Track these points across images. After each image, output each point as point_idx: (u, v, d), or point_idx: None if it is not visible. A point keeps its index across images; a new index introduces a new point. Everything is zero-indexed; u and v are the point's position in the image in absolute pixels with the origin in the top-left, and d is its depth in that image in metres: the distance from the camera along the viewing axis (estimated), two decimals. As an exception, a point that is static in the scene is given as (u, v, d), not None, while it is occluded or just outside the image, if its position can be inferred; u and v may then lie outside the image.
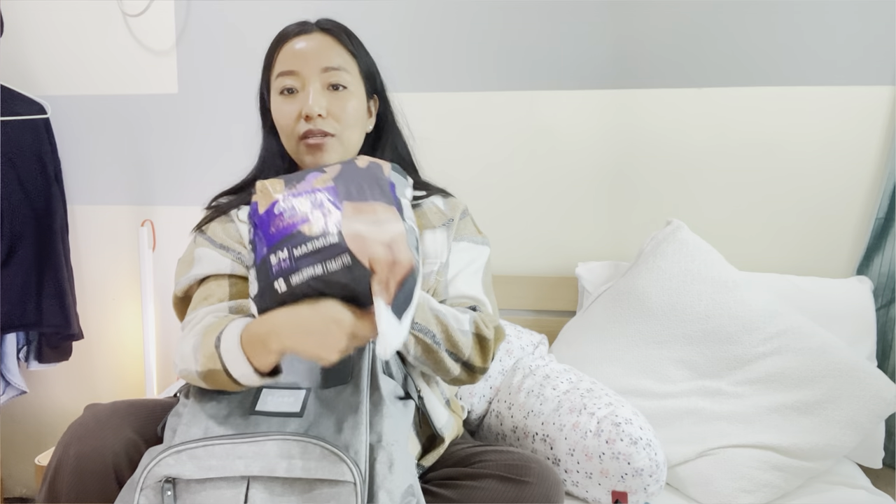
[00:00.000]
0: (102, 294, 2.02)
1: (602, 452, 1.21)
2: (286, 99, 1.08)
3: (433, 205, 1.16)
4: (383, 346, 0.79)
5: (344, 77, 1.08)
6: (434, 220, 1.14)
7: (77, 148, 1.97)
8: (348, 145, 1.10)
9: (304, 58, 1.07)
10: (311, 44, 1.09)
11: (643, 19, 1.68)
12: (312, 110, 1.05)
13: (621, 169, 1.75)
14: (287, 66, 1.08)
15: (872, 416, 1.30)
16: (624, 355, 1.47)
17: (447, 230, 1.14)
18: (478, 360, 1.04)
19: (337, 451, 0.84)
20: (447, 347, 1.01)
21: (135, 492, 0.84)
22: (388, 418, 0.93)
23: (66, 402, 2.07)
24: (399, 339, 0.81)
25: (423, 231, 1.12)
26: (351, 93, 1.09)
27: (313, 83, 1.07)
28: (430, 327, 0.99)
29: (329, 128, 1.07)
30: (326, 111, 1.06)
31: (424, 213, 1.14)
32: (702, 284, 1.45)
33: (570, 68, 1.73)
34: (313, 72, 1.07)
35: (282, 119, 1.09)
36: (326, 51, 1.08)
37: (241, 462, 0.84)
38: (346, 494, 0.82)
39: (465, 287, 1.12)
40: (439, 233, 1.13)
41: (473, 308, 1.10)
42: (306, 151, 1.08)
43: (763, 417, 1.34)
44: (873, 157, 1.64)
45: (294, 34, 1.10)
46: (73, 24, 1.92)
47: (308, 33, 1.10)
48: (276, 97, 1.09)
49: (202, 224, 1.13)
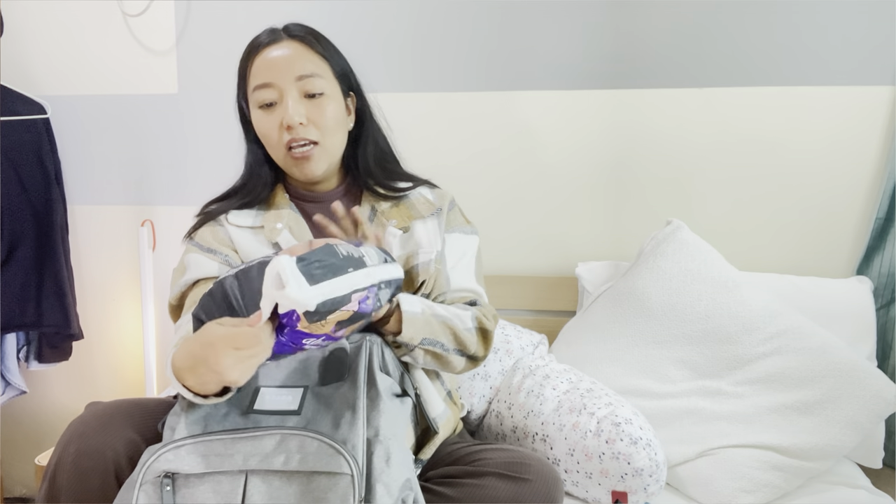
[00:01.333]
0: (102, 294, 2.02)
1: (602, 452, 1.21)
2: (266, 112, 1.10)
3: (421, 195, 1.21)
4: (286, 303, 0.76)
5: (318, 84, 1.10)
6: (423, 210, 1.18)
7: (77, 148, 1.97)
8: (332, 150, 1.13)
9: (277, 68, 1.09)
10: (282, 53, 1.10)
11: (644, 19, 1.68)
12: (293, 120, 1.07)
13: (622, 169, 1.75)
14: (262, 79, 1.09)
15: (872, 416, 1.30)
16: (624, 355, 1.47)
17: (437, 219, 1.19)
18: (481, 350, 1.13)
19: (334, 444, 0.85)
20: (455, 348, 1.09)
21: (134, 488, 0.85)
22: (386, 414, 0.93)
23: (66, 402, 2.07)
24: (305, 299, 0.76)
25: (413, 222, 1.16)
26: (328, 97, 1.11)
27: (290, 93, 1.08)
28: (438, 339, 1.06)
29: (311, 135, 1.09)
30: (306, 118, 1.09)
31: (413, 205, 1.19)
32: (702, 284, 1.45)
33: (571, 68, 1.73)
34: (288, 81, 1.08)
35: (265, 132, 1.11)
36: (299, 59, 1.10)
37: (239, 456, 0.85)
38: (343, 486, 0.83)
39: (462, 280, 1.18)
40: (430, 222, 1.17)
41: (473, 302, 1.16)
42: (294, 164, 1.11)
43: (763, 417, 1.34)
44: (873, 157, 1.64)
45: (265, 44, 1.12)
46: (73, 24, 1.92)
47: (278, 42, 1.11)
48: (256, 111, 1.12)
49: (191, 231, 1.16)
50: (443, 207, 1.20)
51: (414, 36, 1.77)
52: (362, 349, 0.99)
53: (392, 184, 1.19)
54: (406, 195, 1.19)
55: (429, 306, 1.08)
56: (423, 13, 1.77)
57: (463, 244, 1.21)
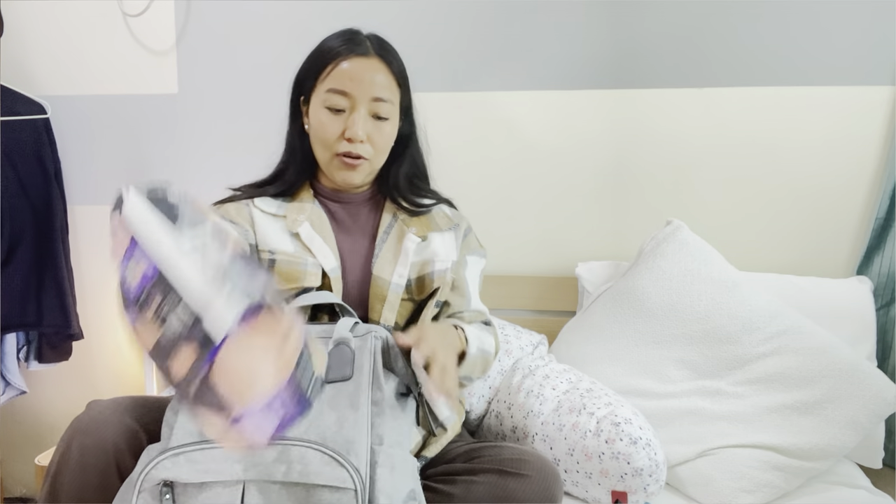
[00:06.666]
0: (102, 294, 2.02)
1: (602, 452, 1.21)
2: (332, 116, 1.11)
3: (441, 210, 1.26)
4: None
5: (387, 109, 1.13)
6: (441, 223, 1.23)
7: (77, 148, 1.97)
8: (376, 167, 1.17)
9: (359, 82, 1.10)
10: (367, 68, 1.11)
11: (643, 19, 1.68)
12: (357, 135, 1.10)
13: (621, 169, 1.75)
14: (341, 86, 1.10)
15: (872, 416, 1.30)
16: (624, 355, 1.47)
17: (454, 233, 1.23)
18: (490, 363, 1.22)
19: (337, 457, 0.84)
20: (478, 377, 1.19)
21: (133, 494, 0.85)
22: (391, 419, 0.93)
23: (66, 402, 2.07)
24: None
25: (430, 232, 1.20)
26: (391, 123, 1.14)
27: (362, 109, 1.10)
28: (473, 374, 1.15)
29: (365, 153, 1.12)
30: (367, 137, 1.11)
31: (433, 217, 1.23)
32: (702, 284, 1.44)
33: (570, 68, 1.73)
34: (364, 99, 1.10)
35: (323, 133, 1.12)
36: (380, 81, 1.12)
37: (238, 466, 0.85)
38: (346, 501, 0.82)
39: (477, 302, 1.26)
40: (447, 235, 1.22)
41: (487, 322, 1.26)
42: (341, 167, 1.13)
43: (763, 417, 1.34)
44: (873, 157, 1.63)
45: (355, 53, 1.12)
46: (73, 24, 1.92)
47: (367, 56, 1.12)
48: (322, 110, 1.12)
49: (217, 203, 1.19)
50: (460, 224, 1.25)
51: (413, 36, 1.77)
52: (368, 345, 0.98)
53: (416, 199, 1.22)
54: (428, 210, 1.23)
55: (479, 340, 1.16)
56: (423, 13, 1.77)
57: (478, 267, 1.28)
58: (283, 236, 1.13)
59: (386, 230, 1.18)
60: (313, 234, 1.13)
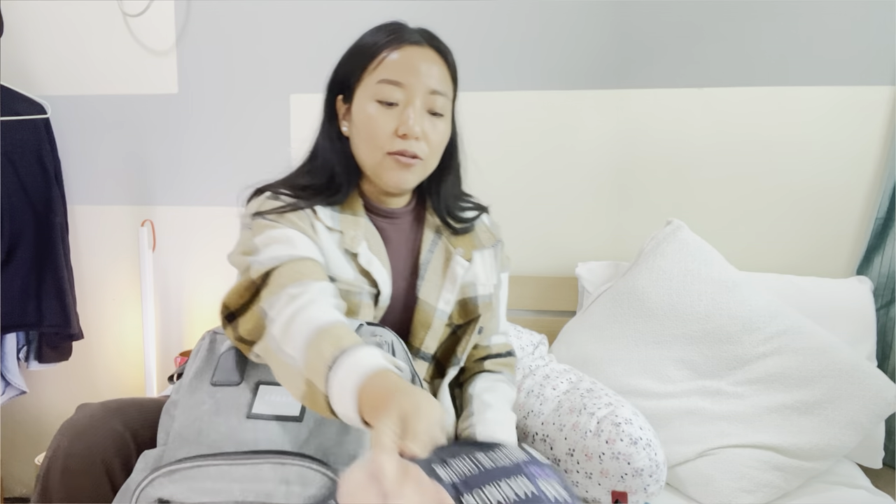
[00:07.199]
0: (102, 294, 2.02)
1: (602, 452, 1.21)
2: (384, 110, 0.99)
3: (482, 223, 1.16)
4: None
5: (443, 104, 1.02)
6: (484, 239, 1.14)
7: (77, 148, 1.97)
8: (428, 170, 1.05)
9: (415, 72, 0.99)
10: (423, 59, 1.01)
11: (644, 19, 1.68)
12: (414, 131, 0.98)
13: (621, 169, 1.75)
14: (396, 76, 0.99)
15: (872, 416, 1.30)
16: (624, 355, 1.47)
17: (494, 251, 1.15)
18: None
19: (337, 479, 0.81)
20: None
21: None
22: None
23: (66, 402, 2.07)
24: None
25: (473, 251, 1.11)
26: (445, 120, 1.04)
27: (418, 102, 0.99)
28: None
29: (421, 152, 1.00)
30: (423, 134, 1.00)
31: (476, 234, 1.13)
32: (702, 284, 1.44)
33: (570, 69, 1.73)
34: (421, 90, 0.99)
35: (373, 129, 0.99)
36: (437, 72, 1.01)
37: (236, 486, 0.82)
38: None
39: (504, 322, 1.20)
40: (487, 254, 1.13)
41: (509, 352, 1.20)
42: (394, 166, 1.00)
43: (763, 417, 1.34)
44: (873, 157, 1.64)
45: (408, 41, 1.01)
46: (74, 24, 1.92)
47: (420, 45, 1.02)
48: (371, 103, 1.00)
49: (273, 211, 1.00)
50: (501, 239, 1.17)
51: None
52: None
53: (461, 214, 1.13)
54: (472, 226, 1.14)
55: (511, 423, 1.09)
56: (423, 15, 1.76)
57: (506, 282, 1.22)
58: (340, 257, 1.00)
59: (430, 248, 1.08)
60: (371, 257, 1.01)
